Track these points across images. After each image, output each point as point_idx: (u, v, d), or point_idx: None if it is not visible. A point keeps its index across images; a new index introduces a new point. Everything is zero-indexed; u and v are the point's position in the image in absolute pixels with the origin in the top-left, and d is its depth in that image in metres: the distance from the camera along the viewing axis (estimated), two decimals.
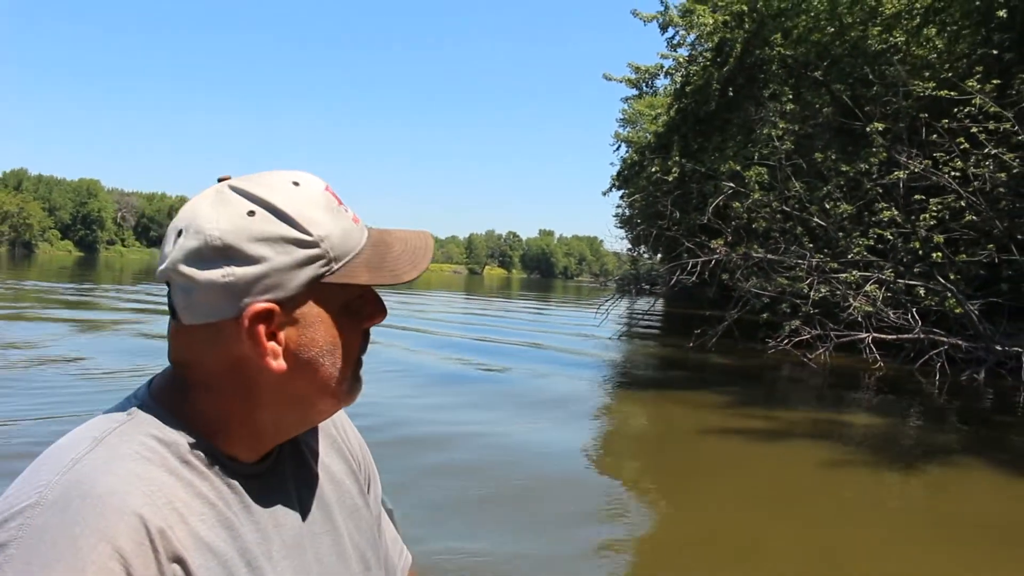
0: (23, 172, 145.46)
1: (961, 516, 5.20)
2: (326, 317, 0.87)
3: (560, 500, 4.94)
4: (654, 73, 21.60)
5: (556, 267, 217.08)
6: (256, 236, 0.82)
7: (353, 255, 0.87)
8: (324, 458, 1.01)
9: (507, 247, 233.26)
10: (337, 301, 0.87)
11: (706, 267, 14.03)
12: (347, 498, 1.01)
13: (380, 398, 7.45)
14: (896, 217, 11.88)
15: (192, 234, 0.82)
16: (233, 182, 0.86)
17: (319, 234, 0.84)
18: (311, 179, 0.88)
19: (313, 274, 0.84)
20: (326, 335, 0.87)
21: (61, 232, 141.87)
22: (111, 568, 0.71)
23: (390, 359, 10.42)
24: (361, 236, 0.89)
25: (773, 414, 8.57)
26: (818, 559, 4.27)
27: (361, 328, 0.91)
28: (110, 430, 0.82)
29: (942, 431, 8.34)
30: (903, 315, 11.77)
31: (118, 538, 0.73)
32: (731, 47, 17.16)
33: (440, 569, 3.56)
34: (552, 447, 6.41)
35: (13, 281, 27.40)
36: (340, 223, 0.87)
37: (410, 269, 0.88)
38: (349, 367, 0.90)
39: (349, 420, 1.12)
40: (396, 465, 5.05)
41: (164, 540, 0.76)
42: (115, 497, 0.75)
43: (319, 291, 0.85)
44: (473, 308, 29.38)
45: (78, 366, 8.73)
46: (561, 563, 3.91)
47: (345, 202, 0.89)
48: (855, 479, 5.96)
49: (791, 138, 14.40)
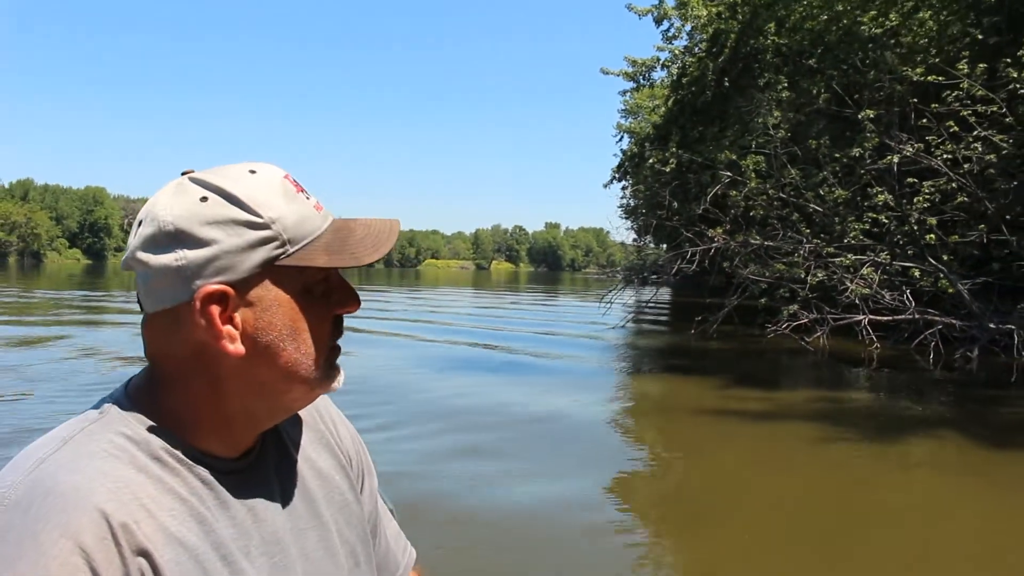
0: (29, 182, 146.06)
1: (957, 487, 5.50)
2: (285, 300, 0.87)
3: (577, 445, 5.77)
4: (651, 66, 21.86)
5: (563, 260, 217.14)
6: (207, 219, 0.84)
7: (311, 239, 0.88)
8: (311, 453, 1.02)
9: (513, 241, 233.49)
10: (295, 284, 0.88)
11: (706, 255, 14.35)
12: (335, 493, 1.01)
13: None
14: (889, 201, 12.13)
15: (149, 222, 0.85)
16: (194, 174, 0.89)
17: (270, 216, 0.85)
18: (269, 167, 0.90)
19: (266, 256, 0.85)
20: (284, 319, 0.87)
21: (69, 241, 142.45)
22: (74, 563, 0.72)
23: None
24: (322, 222, 0.90)
25: (771, 395, 8.88)
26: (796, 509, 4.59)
27: (330, 314, 0.92)
28: (79, 429, 0.83)
29: (935, 406, 8.61)
30: (898, 297, 12.04)
31: (80, 533, 0.74)
32: (725, 38, 17.41)
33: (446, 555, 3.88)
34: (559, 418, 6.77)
35: (53, 292, 27.81)
36: (296, 208, 0.88)
37: (372, 252, 0.89)
38: (318, 353, 0.90)
39: (341, 414, 1.12)
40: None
41: (127, 534, 0.76)
42: (77, 493, 0.76)
43: (275, 274, 0.86)
44: (483, 304, 29.64)
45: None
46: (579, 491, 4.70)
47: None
48: (847, 448, 6.29)
49: (786, 126, 14.64)
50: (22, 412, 6.81)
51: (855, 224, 12.79)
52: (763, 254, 13.63)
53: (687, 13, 18.87)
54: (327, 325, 0.91)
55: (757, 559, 4.06)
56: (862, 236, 12.83)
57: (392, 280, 57.37)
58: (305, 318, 0.88)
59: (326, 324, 0.91)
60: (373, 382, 8.47)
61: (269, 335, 0.87)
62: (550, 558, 3.95)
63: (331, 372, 0.92)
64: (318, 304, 0.90)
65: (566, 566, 3.86)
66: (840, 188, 13.03)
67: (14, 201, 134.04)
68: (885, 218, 12.42)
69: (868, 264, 12.45)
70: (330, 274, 0.91)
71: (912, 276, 12.06)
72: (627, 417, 8.22)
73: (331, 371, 0.92)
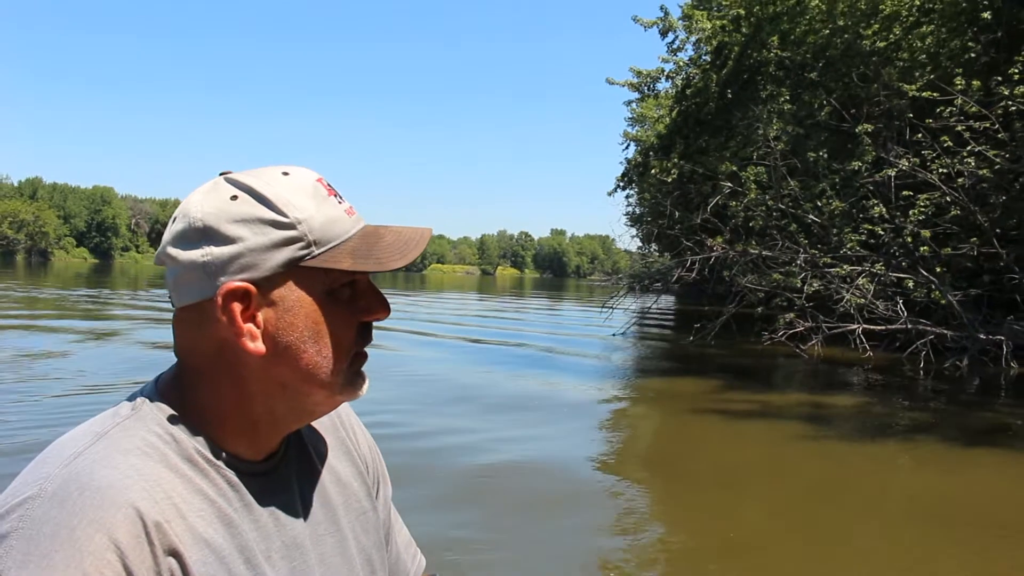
0: (38, 180, 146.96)
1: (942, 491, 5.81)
2: (308, 302, 0.87)
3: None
4: (655, 77, 22.22)
5: (569, 266, 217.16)
6: (234, 217, 0.85)
7: (339, 242, 0.88)
8: (331, 460, 1.02)
9: (519, 247, 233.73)
10: (320, 287, 0.88)
11: (706, 264, 14.69)
12: (353, 501, 1.02)
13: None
14: (884, 214, 12.43)
15: (181, 218, 0.87)
16: (230, 175, 0.90)
17: (297, 216, 0.86)
18: (302, 170, 0.91)
19: (290, 256, 0.85)
20: (307, 320, 0.87)
21: (76, 239, 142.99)
22: (107, 559, 0.73)
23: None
24: (352, 227, 0.90)
25: (765, 399, 9.18)
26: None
27: (355, 320, 0.91)
28: (114, 424, 0.84)
29: (923, 412, 8.90)
30: (891, 307, 12.34)
31: (115, 530, 0.74)
32: (729, 50, 17.76)
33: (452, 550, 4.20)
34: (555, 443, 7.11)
35: (83, 289, 28.15)
36: (325, 210, 0.88)
37: (398, 258, 0.88)
38: (341, 358, 0.90)
39: (359, 421, 1.13)
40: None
41: (160, 533, 0.77)
42: (113, 490, 0.76)
43: (299, 275, 0.87)
44: (488, 309, 29.95)
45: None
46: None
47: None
48: (834, 451, 6.63)
49: (786, 138, 14.98)
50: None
51: (851, 235, 13.09)
52: (761, 264, 13.95)
53: (692, 26, 19.22)
54: (351, 331, 0.90)
55: (742, 532, 4.38)
56: (858, 247, 13.13)
57: (398, 284, 57.67)
58: (328, 322, 0.88)
59: (350, 330, 0.90)
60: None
61: (291, 336, 0.87)
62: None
63: (355, 379, 0.92)
64: (343, 309, 0.89)
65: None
66: (837, 200, 13.34)
67: (23, 199, 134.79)
68: (881, 230, 12.73)
69: (864, 274, 12.75)
70: (358, 280, 0.91)
71: (906, 287, 12.35)
72: (618, 410, 8.53)
73: (356, 378, 0.92)
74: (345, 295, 0.89)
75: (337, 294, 0.89)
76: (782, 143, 14.56)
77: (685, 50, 20.87)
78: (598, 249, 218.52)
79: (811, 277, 12.92)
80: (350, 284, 0.90)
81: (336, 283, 0.88)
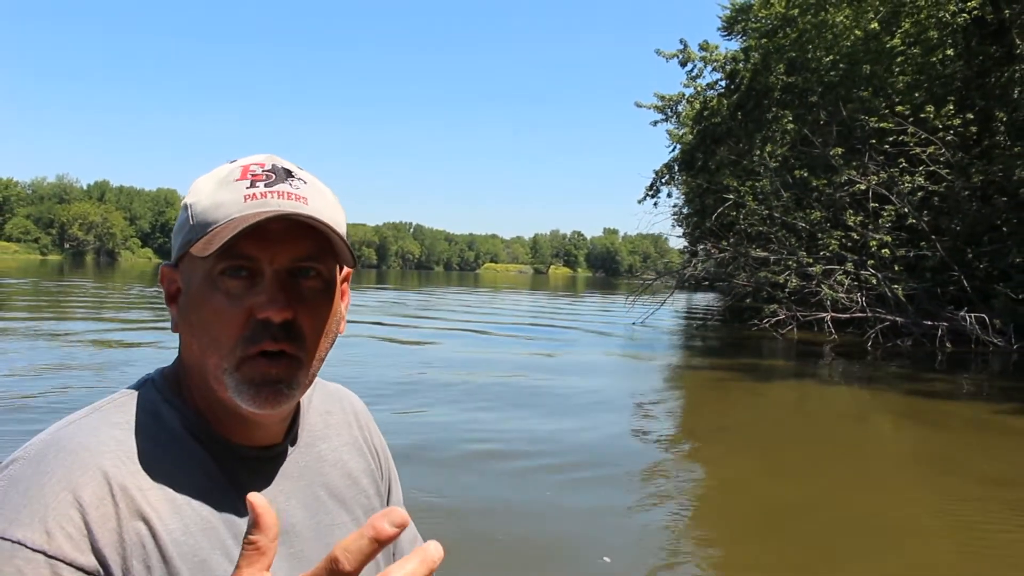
0: (106, 184, 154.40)
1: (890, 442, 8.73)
2: (192, 287, 0.85)
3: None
4: (677, 100, 25.14)
5: (621, 265, 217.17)
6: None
7: (216, 226, 0.82)
8: (343, 455, 1.02)
9: (571, 246, 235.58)
10: (199, 272, 0.84)
11: (716, 263, 17.75)
12: (361, 497, 1.02)
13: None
14: (853, 222, 15.21)
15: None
16: None
17: (187, 201, 0.86)
18: (250, 157, 0.89)
19: (184, 239, 0.85)
20: (191, 307, 0.85)
21: (142, 240, 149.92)
22: (70, 515, 0.74)
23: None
24: (242, 211, 0.82)
25: (753, 364, 12.05)
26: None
27: (241, 314, 0.82)
28: (112, 400, 0.87)
29: (871, 381, 11.64)
30: (853, 298, 15.14)
31: (80, 489, 0.75)
32: (741, 77, 20.49)
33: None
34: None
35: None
36: (219, 194, 0.84)
37: (220, 242, 0.79)
38: (222, 356, 0.83)
39: (374, 422, 1.12)
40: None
41: (128, 498, 0.77)
42: (87, 453, 0.78)
43: (187, 259, 0.85)
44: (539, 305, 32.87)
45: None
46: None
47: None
48: (811, 405, 9.53)
49: (779, 158, 17.90)
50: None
51: (830, 240, 15.84)
52: (753, 264, 16.90)
53: (708, 57, 22.10)
54: (232, 326, 0.82)
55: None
56: (838, 248, 15.87)
57: (451, 282, 60.06)
58: (207, 311, 0.83)
59: (230, 325, 0.82)
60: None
61: (187, 320, 0.86)
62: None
63: (246, 388, 0.82)
64: (226, 300, 0.82)
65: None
66: (818, 210, 16.12)
67: (92, 202, 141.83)
68: (856, 235, 15.47)
69: (840, 272, 15.51)
70: (264, 269, 0.82)
71: (868, 282, 15.11)
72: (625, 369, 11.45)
73: (246, 387, 0.82)
74: (234, 285, 0.82)
75: (219, 282, 0.82)
76: (775, 162, 17.45)
77: (703, 76, 23.70)
78: (650, 248, 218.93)
79: (793, 274, 15.73)
80: (248, 273, 0.82)
81: (213, 269, 0.82)
